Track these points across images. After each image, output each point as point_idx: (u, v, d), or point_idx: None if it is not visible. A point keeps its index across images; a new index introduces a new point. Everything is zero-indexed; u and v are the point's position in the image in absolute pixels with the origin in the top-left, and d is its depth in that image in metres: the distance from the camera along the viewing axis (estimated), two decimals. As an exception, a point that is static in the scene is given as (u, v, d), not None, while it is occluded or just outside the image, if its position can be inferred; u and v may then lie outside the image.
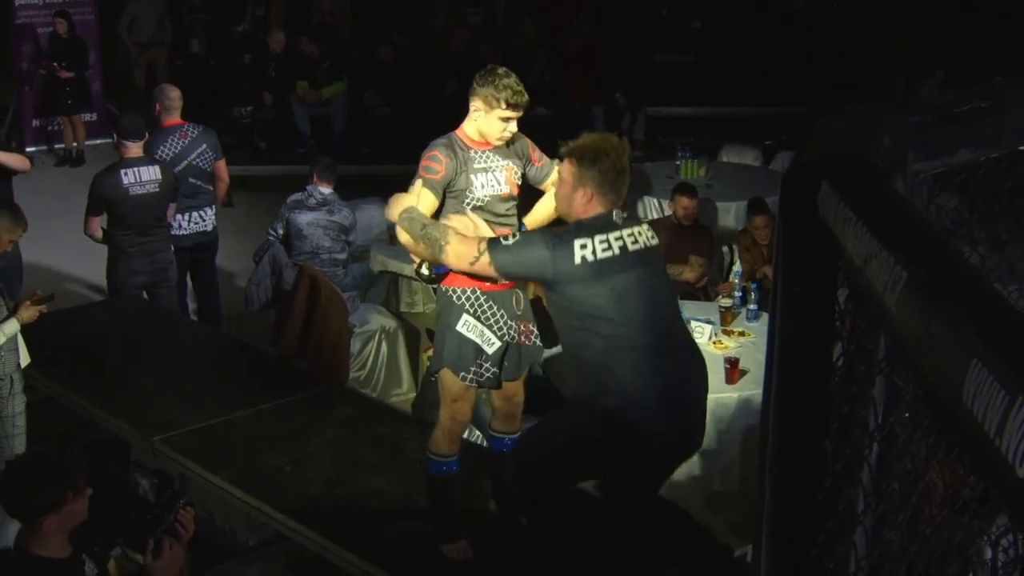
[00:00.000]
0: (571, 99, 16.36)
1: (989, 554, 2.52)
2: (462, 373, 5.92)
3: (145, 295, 9.82)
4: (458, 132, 5.96)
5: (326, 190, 9.92)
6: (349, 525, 6.80)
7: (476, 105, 5.83)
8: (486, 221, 5.84)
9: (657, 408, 5.37)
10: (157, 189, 9.50)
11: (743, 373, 7.85)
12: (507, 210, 6.00)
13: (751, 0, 20.40)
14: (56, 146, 16.97)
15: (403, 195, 5.82)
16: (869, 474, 2.14)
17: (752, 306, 9.06)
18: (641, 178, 12.57)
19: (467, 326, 5.88)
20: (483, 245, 5.48)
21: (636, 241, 5.53)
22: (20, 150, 11.09)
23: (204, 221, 10.33)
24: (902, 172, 2.17)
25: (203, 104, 14.42)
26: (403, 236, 5.74)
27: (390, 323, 9.96)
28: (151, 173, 9.49)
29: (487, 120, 5.82)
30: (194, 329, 9.87)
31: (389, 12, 18.84)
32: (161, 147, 9.99)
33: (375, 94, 17.24)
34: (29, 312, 7.41)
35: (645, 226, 5.70)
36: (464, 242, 5.55)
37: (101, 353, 8.47)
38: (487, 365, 5.91)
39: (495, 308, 5.93)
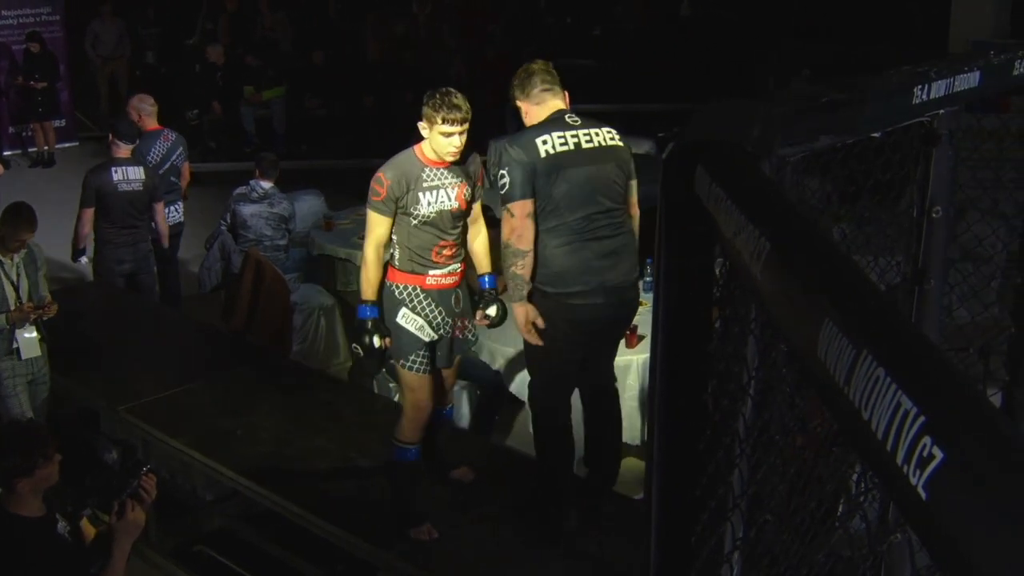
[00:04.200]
0: (486, 102, 16.37)
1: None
2: (403, 361, 5.86)
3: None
4: (416, 149, 5.84)
5: (267, 184, 9.89)
6: (296, 480, 6.79)
7: (423, 124, 5.72)
8: (435, 235, 5.78)
9: (579, 276, 5.73)
10: (141, 188, 9.58)
11: (641, 338, 7.85)
12: (456, 225, 5.87)
13: (644, 9, 20.45)
14: (29, 149, 17.00)
15: (369, 233, 5.83)
16: (743, 424, 2.14)
17: (648, 279, 9.08)
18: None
19: (405, 318, 5.83)
20: (505, 214, 5.75)
21: (591, 140, 5.80)
22: (-1, 158, 11.16)
23: (179, 213, 10.53)
24: (769, 156, 2.17)
25: (159, 110, 14.37)
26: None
27: (328, 301, 9.92)
28: (137, 173, 9.58)
29: (432, 136, 5.69)
30: (155, 309, 9.79)
31: (324, 26, 18.81)
32: (152, 150, 10.18)
33: (312, 98, 17.31)
34: (18, 314, 7.33)
35: (605, 128, 5.94)
36: (503, 227, 5.77)
37: (72, 333, 8.38)
38: (424, 352, 5.86)
39: (432, 304, 5.86)
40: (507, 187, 5.71)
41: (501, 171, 5.73)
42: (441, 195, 5.77)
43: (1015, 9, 10.80)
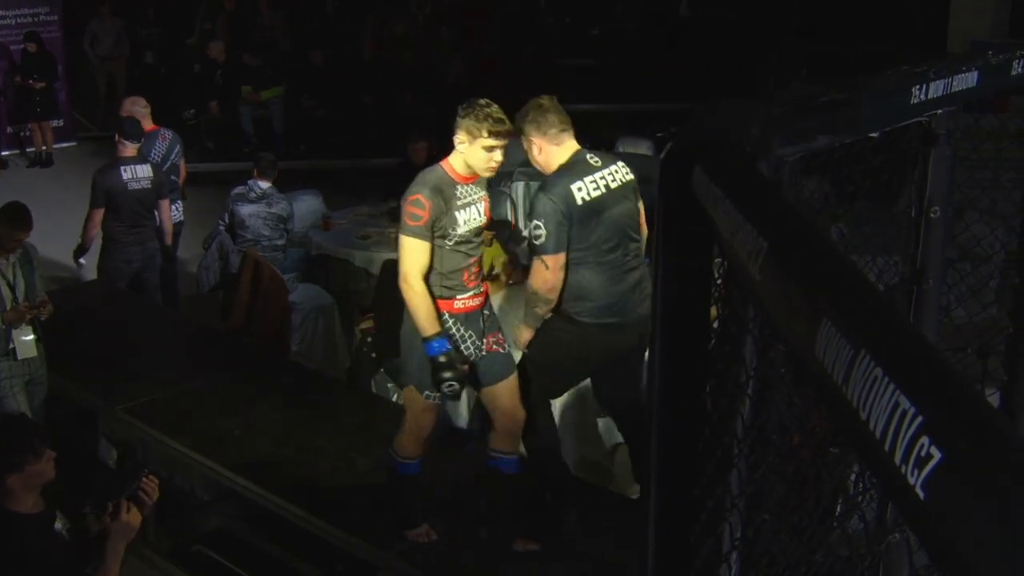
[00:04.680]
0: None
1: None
2: (426, 392, 5.63)
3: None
4: (444, 166, 5.57)
5: (265, 184, 9.89)
6: (294, 480, 6.79)
7: (460, 137, 5.45)
8: (466, 255, 5.57)
9: (617, 307, 5.80)
10: (149, 185, 9.65)
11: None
12: (481, 241, 5.73)
13: (643, 9, 20.47)
14: (28, 149, 17.00)
15: (404, 268, 5.50)
16: (741, 424, 2.14)
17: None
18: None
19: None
20: (538, 264, 5.73)
21: (615, 179, 5.84)
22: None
23: (179, 212, 10.61)
24: (767, 156, 2.17)
25: (158, 109, 14.39)
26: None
27: (326, 301, 9.92)
28: (145, 171, 9.65)
29: (472, 151, 5.43)
30: (153, 309, 9.79)
31: (323, 26, 18.83)
32: (153, 150, 10.23)
33: (310, 98, 17.34)
34: (14, 314, 7.32)
35: (620, 163, 5.99)
36: (534, 276, 5.80)
37: (70, 333, 8.38)
38: (453, 381, 5.54)
39: (463, 329, 5.64)
40: (543, 239, 5.70)
41: (537, 221, 5.70)
42: (472, 212, 5.58)
43: (1014, 9, 10.81)
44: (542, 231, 5.68)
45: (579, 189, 5.73)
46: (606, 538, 6.01)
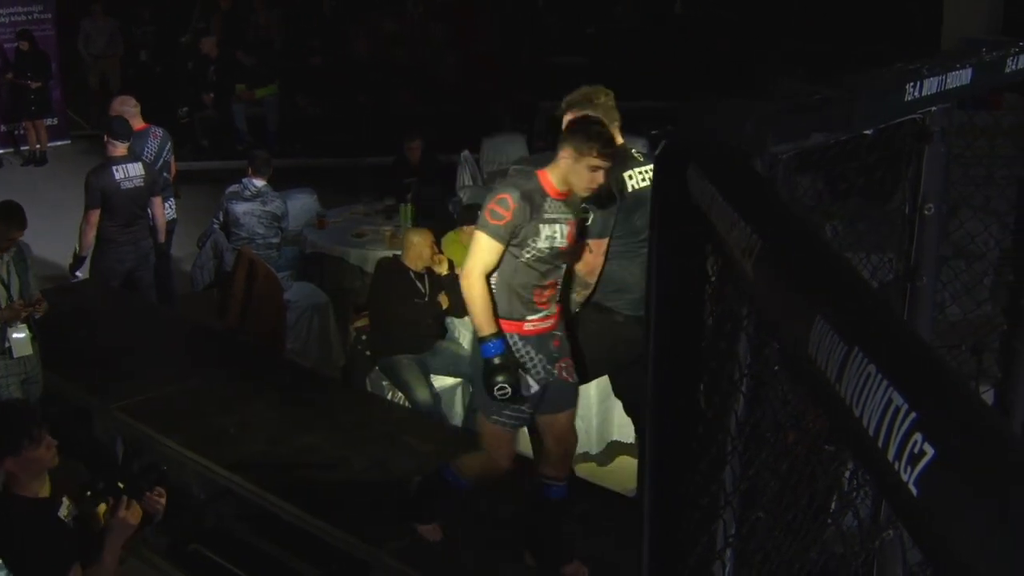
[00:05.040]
0: (480, 98, 16.38)
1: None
2: (494, 417, 5.41)
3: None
4: (540, 176, 5.31)
5: (260, 182, 9.87)
6: (289, 479, 6.78)
7: (566, 153, 5.20)
8: (541, 274, 5.30)
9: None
10: (142, 184, 9.62)
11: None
12: (561, 266, 5.41)
13: (639, 8, 20.46)
14: (22, 148, 17.01)
15: (469, 263, 5.31)
16: (735, 421, 2.15)
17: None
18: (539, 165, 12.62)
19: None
20: (582, 247, 5.63)
21: (651, 174, 5.75)
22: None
23: (172, 210, 10.57)
24: (761, 154, 2.17)
25: (152, 107, 14.41)
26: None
27: (321, 299, 9.93)
28: (137, 169, 9.62)
29: (575, 169, 5.17)
30: (149, 307, 9.79)
31: (319, 25, 18.83)
32: (145, 149, 10.20)
33: (305, 97, 17.35)
34: (9, 312, 7.32)
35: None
36: (584, 261, 5.70)
37: (66, 332, 8.38)
38: (523, 407, 5.39)
39: (533, 352, 5.37)
40: (589, 222, 5.63)
41: (585, 205, 5.56)
42: (557, 230, 5.30)
43: (1007, 6, 10.82)
44: (590, 214, 5.61)
45: (630, 177, 5.70)
46: (606, 538, 5.99)
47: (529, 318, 5.34)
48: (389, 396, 8.25)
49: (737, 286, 2.01)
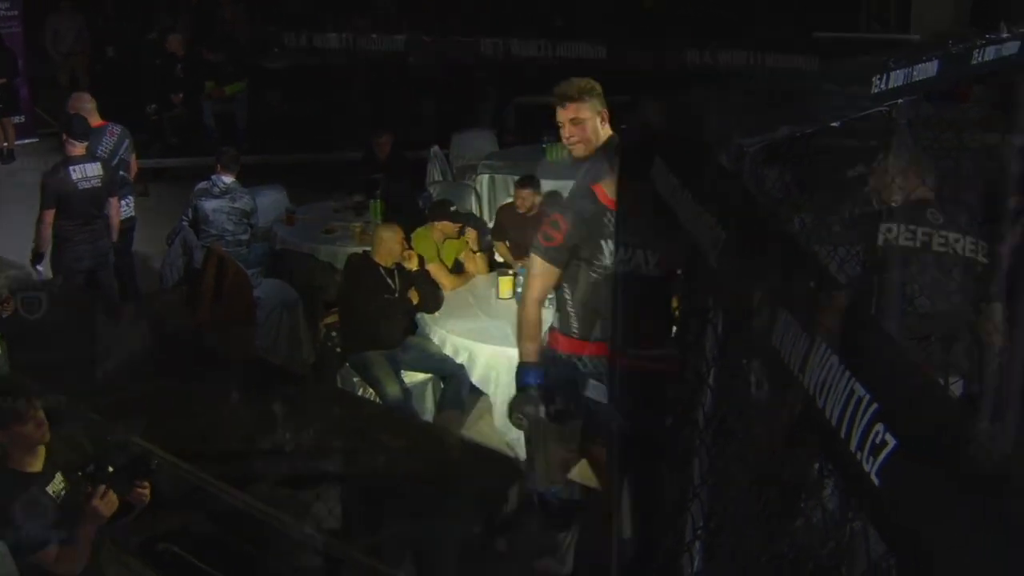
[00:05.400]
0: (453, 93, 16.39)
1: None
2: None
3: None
4: (596, 191, 4.87)
5: (228, 179, 9.83)
6: (259, 476, 6.77)
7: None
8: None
9: None
10: (99, 184, 9.51)
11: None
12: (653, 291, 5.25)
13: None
14: (-11, 146, 16.84)
15: (524, 289, 5.20)
16: (702, 415, 2.15)
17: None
18: (509, 158, 12.67)
19: (598, 391, 4.90)
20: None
21: None
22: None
23: (130, 208, 10.43)
24: (727, 147, 2.18)
25: (120, 104, 14.34)
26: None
27: (291, 296, 9.89)
28: (95, 169, 9.51)
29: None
30: (117, 306, 9.74)
31: (283, 21, 18.79)
32: (100, 146, 10.06)
33: (273, 92, 17.36)
34: None
35: None
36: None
37: (33, 331, 8.33)
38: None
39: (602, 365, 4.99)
40: None
41: None
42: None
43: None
44: None
45: None
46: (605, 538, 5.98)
47: (595, 335, 4.99)
48: (360, 392, 8.24)
49: (702, 278, 2.02)
